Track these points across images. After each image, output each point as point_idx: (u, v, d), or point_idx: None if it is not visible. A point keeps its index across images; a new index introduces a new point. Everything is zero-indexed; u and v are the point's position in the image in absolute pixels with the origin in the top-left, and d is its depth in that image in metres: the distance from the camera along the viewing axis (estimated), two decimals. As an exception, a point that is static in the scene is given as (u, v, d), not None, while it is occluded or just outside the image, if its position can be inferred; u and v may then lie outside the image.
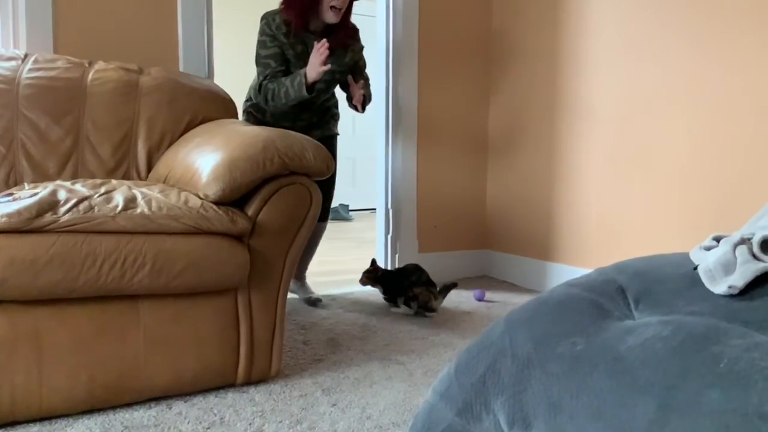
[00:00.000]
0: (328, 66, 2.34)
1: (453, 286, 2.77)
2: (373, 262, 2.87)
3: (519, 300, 2.96)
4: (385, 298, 2.82)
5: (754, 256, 0.91)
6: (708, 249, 1.01)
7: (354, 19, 2.71)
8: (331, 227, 6.01)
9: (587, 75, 2.91)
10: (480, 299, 2.98)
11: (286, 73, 2.55)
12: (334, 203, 7.09)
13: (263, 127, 1.93)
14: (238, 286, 1.74)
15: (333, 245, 4.69)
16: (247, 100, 2.75)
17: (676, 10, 2.47)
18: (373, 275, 2.83)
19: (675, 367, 0.75)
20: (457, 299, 2.98)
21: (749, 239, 0.95)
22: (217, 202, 1.71)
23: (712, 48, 2.34)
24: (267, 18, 2.56)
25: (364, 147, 7.31)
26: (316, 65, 2.34)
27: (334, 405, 1.70)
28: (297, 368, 1.98)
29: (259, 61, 2.51)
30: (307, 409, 1.67)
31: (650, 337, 0.81)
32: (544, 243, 3.19)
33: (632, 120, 2.68)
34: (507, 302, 2.94)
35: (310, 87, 2.41)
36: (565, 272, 3.04)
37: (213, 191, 1.70)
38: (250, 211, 1.74)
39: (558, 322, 0.95)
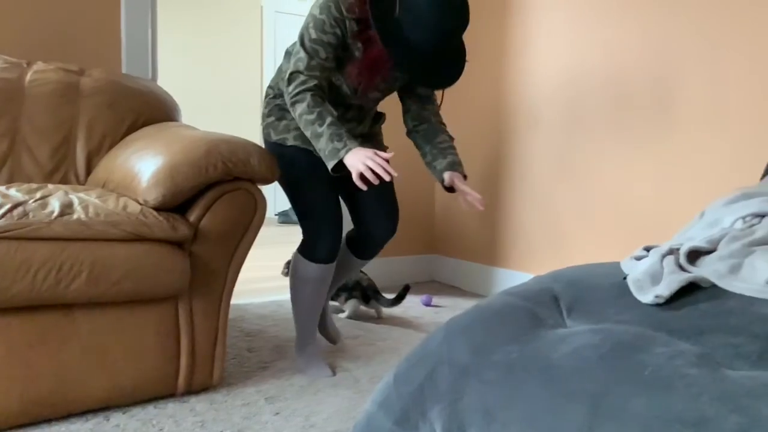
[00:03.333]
0: (373, 180, 1.64)
1: (406, 290, 2.73)
2: None
3: (466, 305, 2.99)
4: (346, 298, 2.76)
5: (681, 267, 0.94)
6: (639, 259, 1.04)
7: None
8: (282, 231, 5.96)
9: (533, 80, 2.96)
10: (427, 304, 3.00)
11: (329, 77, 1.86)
12: (285, 206, 7.04)
13: (206, 131, 1.90)
14: (179, 294, 1.71)
15: (283, 249, 4.65)
16: (271, 93, 2.03)
17: (626, 17, 2.54)
18: None
19: (603, 374, 0.76)
20: (406, 304, 2.99)
21: (677, 250, 0.98)
22: (158, 208, 1.68)
23: (660, 58, 2.41)
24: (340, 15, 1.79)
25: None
26: (363, 166, 1.62)
27: (277, 413, 1.68)
28: (241, 376, 1.95)
29: (305, 42, 1.76)
30: (250, 418, 1.65)
31: (580, 346, 0.83)
32: (491, 248, 3.23)
33: (577, 126, 2.74)
34: (454, 307, 2.96)
35: (338, 167, 1.71)
36: (510, 277, 3.08)
37: (153, 197, 1.66)
38: (192, 217, 1.71)
39: (495, 331, 0.96)
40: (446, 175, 1.91)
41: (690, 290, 0.90)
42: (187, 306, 1.74)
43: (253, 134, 6.77)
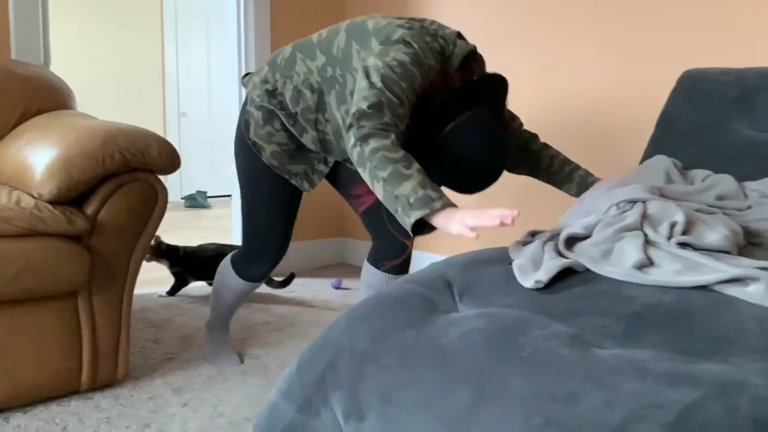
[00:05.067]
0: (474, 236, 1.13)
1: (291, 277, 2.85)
2: (157, 237, 2.74)
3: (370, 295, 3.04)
4: (175, 273, 2.76)
5: (559, 253, 1.01)
6: (524, 244, 1.11)
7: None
8: (188, 215, 5.84)
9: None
10: (337, 287, 3.04)
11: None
12: (191, 190, 6.89)
13: (103, 120, 1.85)
14: (79, 289, 1.67)
15: (189, 234, 4.56)
16: (266, 88, 1.68)
17: (513, 21, 2.63)
18: (157, 250, 2.71)
19: (487, 356, 0.82)
20: (315, 288, 3.02)
21: (557, 235, 1.06)
22: (53, 202, 1.62)
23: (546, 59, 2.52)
24: (436, 35, 1.46)
25: (222, 130, 7.14)
26: (464, 226, 1.10)
27: (185, 405, 1.68)
28: (147, 369, 1.93)
29: (387, 84, 1.33)
30: (157, 412, 1.64)
31: (468, 330, 0.88)
32: (399, 230, 3.30)
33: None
34: (363, 289, 3.02)
35: (419, 227, 1.22)
36: (420, 258, 3.17)
37: (48, 190, 1.61)
38: (90, 209, 1.67)
39: (392, 318, 1.01)
40: (590, 180, 1.58)
41: (567, 275, 0.98)
42: (88, 301, 1.70)
43: (154, 123, 6.55)
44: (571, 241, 1.05)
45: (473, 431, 0.76)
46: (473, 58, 1.52)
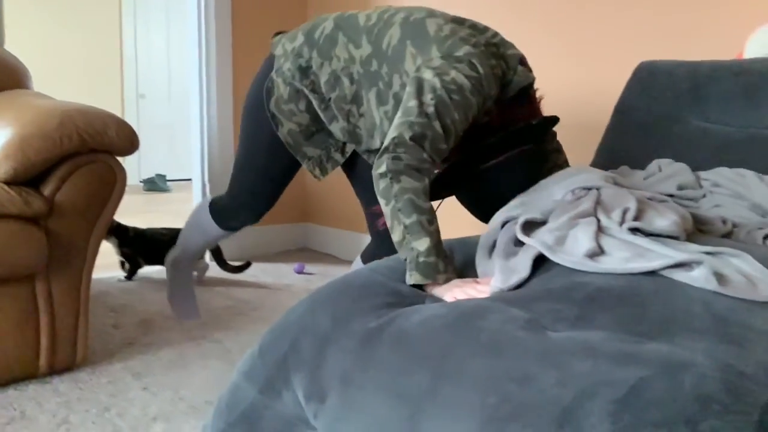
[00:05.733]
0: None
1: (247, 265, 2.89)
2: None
3: (338, 272, 3.07)
4: (124, 253, 2.73)
5: (517, 239, 1.04)
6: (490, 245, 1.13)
7: None
8: (148, 198, 5.76)
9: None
10: (300, 272, 3.05)
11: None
12: (150, 173, 6.78)
13: (60, 100, 1.81)
14: (36, 272, 1.64)
15: (148, 218, 4.51)
16: (298, 64, 1.57)
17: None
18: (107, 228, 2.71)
19: (446, 340, 0.85)
20: (278, 272, 3.02)
21: (515, 220, 1.09)
22: (8, 182, 1.59)
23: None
24: (499, 56, 1.39)
25: (181, 112, 7.03)
26: (454, 297, 1.07)
27: (145, 389, 1.67)
28: (106, 353, 1.91)
29: (439, 111, 1.24)
30: (116, 396, 1.63)
31: (429, 316, 0.91)
32: (362, 216, 3.31)
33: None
34: (326, 274, 3.03)
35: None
36: (379, 243, 3.18)
37: (3, 171, 1.58)
38: (47, 191, 1.64)
39: (357, 303, 1.02)
40: None
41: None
42: (46, 284, 1.67)
43: (112, 105, 6.41)
44: (529, 226, 1.08)
45: (431, 410, 0.78)
46: (530, 89, 1.44)
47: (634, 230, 1.04)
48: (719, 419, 0.65)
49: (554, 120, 1.43)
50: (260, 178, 1.75)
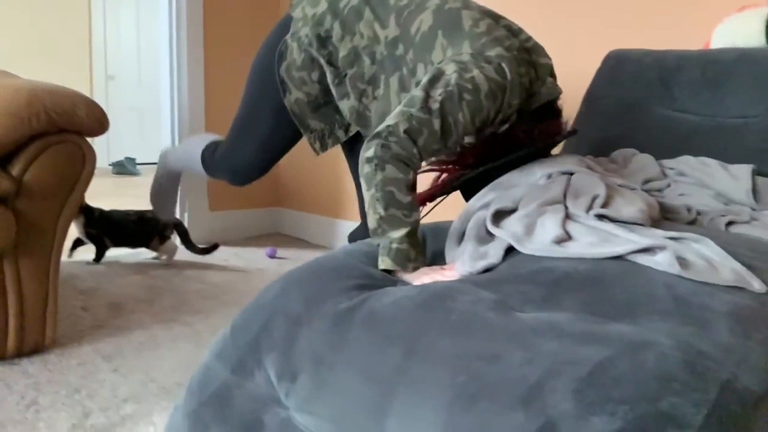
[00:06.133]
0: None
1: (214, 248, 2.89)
2: None
3: (310, 256, 3.07)
4: (89, 233, 2.70)
5: (487, 230, 1.06)
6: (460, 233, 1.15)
7: None
8: (117, 182, 5.68)
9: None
10: (272, 256, 3.04)
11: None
12: (119, 156, 6.69)
13: (28, 79, 1.78)
14: (4, 253, 1.62)
15: (118, 202, 4.45)
16: (317, 33, 1.52)
17: None
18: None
19: (417, 320, 0.86)
20: (250, 257, 3.01)
21: (486, 207, 1.10)
22: (-25, 162, 1.57)
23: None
24: (530, 63, 1.35)
25: (151, 96, 6.93)
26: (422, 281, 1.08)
27: (115, 371, 1.67)
28: (75, 336, 1.90)
29: (444, 109, 1.19)
30: (86, 377, 1.62)
31: (400, 297, 0.92)
32: (334, 201, 3.32)
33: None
34: (298, 259, 3.03)
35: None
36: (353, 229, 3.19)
37: (-31, 150, 1.55)
38: (15, 171, 1.61)
39: (329, 285, 1.03)
40: None
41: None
42: (14, 265, 1.65)
43: (80, 86, 6.29)
44: (499, 215, 1.10)
45: (402, 389, 0.80)
46: (555, 102, 1.39)
47: (601, 217, 1.06)
48: (679, 397, 0.68)
49: (574, 132, 1.40)
50: (258, 146, 1.69)
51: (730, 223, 1.26)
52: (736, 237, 1.16)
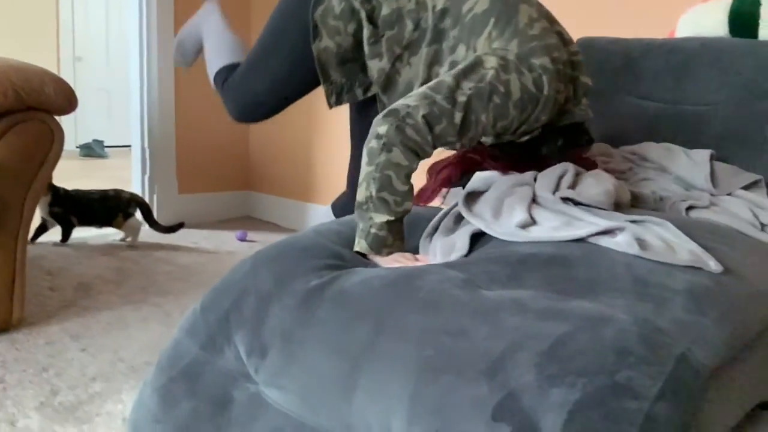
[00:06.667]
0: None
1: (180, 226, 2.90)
2: None
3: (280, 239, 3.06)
4: (54, 212, 2.67)
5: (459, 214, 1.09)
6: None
7: None
8: (84, 165, 5.59)
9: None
10: (242, 239, 3.03)
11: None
12: (87, 138, 6.57)
13: (-5, 56, 1.75)
14: (-32, 232, 1.60)
15: (86, 184, 4.38)
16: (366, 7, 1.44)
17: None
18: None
19: (387, 297, 0.88)
20: (220, 239, 3.01)
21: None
22: (-61, 139, 1.54)
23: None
24: (572, 78, 1.31)
25: (120, 77, 6.80)
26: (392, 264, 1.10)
27: (83, 350, 1.66)
28: (43, 316, 1.88)
29: (470, 106, 1.15)
30: (55, 356, 1.61)
31: (370, 276, 0.94)
32: (305, 185, 3.32)
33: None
34: (269, 242, 3.03)
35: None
36: (323, 213, 3.20)
37: (-67, 126, 1.52)
38: (-19, 149, 1.59)
39: (299, 264, 1.04)
40: None
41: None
42: (-22, 244, 1.63)
43: (47, 66, 6.13)
44: (472, 196, 1.13)
45: (370, 364, 0.82)
46: (584, 126, 1.35)
47: (567, 200, 1.09)
48: (636, 370, 0.71)
49: (595, 166, 1.36)
50: (270, 85, 1.59)
51: (690, 208, 1.30)
52: (696, 221, 1.20)
